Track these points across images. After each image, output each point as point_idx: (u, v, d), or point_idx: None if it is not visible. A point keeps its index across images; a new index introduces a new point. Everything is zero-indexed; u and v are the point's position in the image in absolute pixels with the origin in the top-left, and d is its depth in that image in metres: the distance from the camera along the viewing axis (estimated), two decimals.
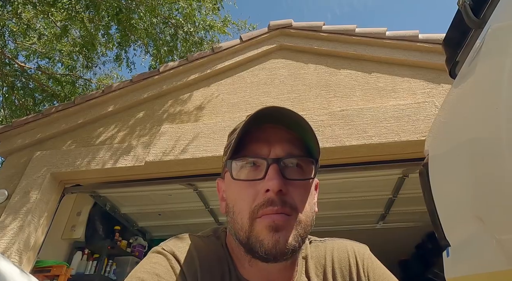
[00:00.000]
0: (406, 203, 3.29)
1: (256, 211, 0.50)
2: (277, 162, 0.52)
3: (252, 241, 0.50)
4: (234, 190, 0.55)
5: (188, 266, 0.53)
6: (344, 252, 0.63)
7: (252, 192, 0.52)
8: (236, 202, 0.53)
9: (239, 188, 0.54)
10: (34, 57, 6.71)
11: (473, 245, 0.69)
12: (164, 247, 0.55)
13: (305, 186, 0.55)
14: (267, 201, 0.50)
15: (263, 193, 0.51)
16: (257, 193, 0.51)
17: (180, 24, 4.92)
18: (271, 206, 0.50)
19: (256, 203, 0.51)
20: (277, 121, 0.55)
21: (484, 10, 0.83)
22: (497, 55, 0.61)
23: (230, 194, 0.56)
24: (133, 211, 3.62)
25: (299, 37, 3.25)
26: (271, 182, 0.50)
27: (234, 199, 0.54)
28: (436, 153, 0.95)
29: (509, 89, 0.50)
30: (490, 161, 0.58)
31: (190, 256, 0.54)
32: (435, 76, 2.68)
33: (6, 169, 3.02)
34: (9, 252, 2.36)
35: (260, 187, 0.51)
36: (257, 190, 0.51)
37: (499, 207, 0.57)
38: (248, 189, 0.52)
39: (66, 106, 3.27)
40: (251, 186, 0.52)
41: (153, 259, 0.54)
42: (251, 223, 0.50)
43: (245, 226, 0.51)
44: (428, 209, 0.97)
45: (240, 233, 0.52)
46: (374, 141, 2.34)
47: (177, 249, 0.55)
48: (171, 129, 2.83)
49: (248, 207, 0.51)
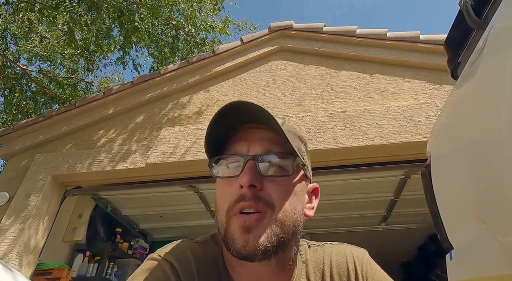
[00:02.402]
0: (408, 204, 3.27)
1: (231, 208, 0.50)
2: (254, 158, 0.52)
3: (228, 239, 0.50)
4: (217, 188, 0.55)
5: (185, 272, 0.53)
6: (343, 257, 0.62)
7: (229, 189, 0.52)
8: (217, 200, 0.54)
9: (220, 186, 0.55)
10: (36, 60, 6.75)
11: (476, 248, 0.68)
12: (160, 254, 0.55)
13: (285, 184, 0.54)
14: (240, 196, 0.50)
15: (238, 189, 0.51)
16: (233, 191, 0.51)
17: (181, 25, 4.93)
18: (243, 201, 0.49)
19: (231, 200, 0.51)
20: (255, 119, 0.55)
21: (486, 11, 0.82)
22: (499, 56, 0.61)
23: (216, 194, 0.56)
24: (134, 213, 3.62)
25: (300, 38, 3.25)
26: (243, 177, 0.50)
27: (217, 197, 0.55)
28: (438, 155, 0.94)
29: (511, 89, 0.50)
30: (492, 163, 0.57)
31: (186, 262, 0.54)
32: (436, 77, 2.67)
33: (7, 172, 3.02)
34: (10, 255, 2.36)
35: (236, 183, 0.51)
36: (234, 187, 0.52)
37: (501, 209, 0.56)
38: (226, 187, 0.53)
39: (67, 109, 3.27)
40: (230, 184, 0.52)
41: (149, 266, 0.53)
42: (227, 220, 0.51)
43: (223, 224, 0.51)
44: (430, 211, 0.96)
45: (221, 230, 0.52)
46: (375, 142, 2.33)
47: (173, 256, 0.54)
48: (172, 131, 2.83)
49: (226, 205, 0.51)
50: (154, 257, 0.55)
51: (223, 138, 0.56)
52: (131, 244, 3.75)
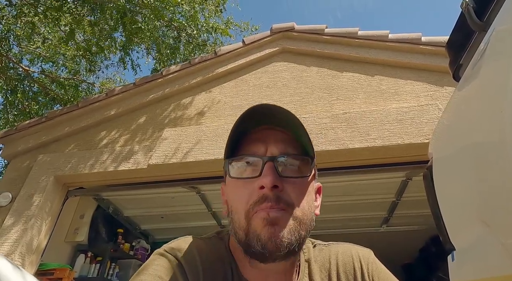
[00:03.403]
0: (409, 206, 3.27)
1: (252, 209, 0.51)
2: (272, 160, 0.53)
3: (250, 237, 0.50)
4: (232, 189, 0.55)
5: (191, 267, 0.53)
6: (349, 256, 0.63)
7: (248, 190, 0.52)
8: (234, 202, 0.54)
9: (236, 188, 0.55)
10: (38, 61, 6.77)
11: (478, 249, 0.68)
12: (166, 249, 0.56)
13: (302, 184, 0.55)
14: (262, 197, 0.51)
15: (257, 190, 0.51)
16: (253, 191, 0.52)
17: (183, 27, 4.95)
18: (266, 202, 0.50)
19: (251, 201, 0.51)
20: (272, 121, 0.56)
21: (487, 13, 0.83)
22: (502, 57, 0.61)
23: (229, 194, 0.57)
24: (136, 214, 3.63)
25: (302, 40, 3.26)
26: (265, 178, 0.51)
27: (232, 199, 0.55)
28: (440, 156, 0.94)
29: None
30: (495, 165, 0.58)
31: (192, 257, 0.55)
32: (438, 78, 2.67)
33: (10, 172, 3.04)
34: (12, 255, 2.36)
35: (255, 185, 0.52)
36: (253, 188, 0.52)
37: (504, 211, 0.56)
38: (244, 187, 0.53)
39: (70, 110, 3.28)
40: (248, 184, 0.53)
41: (156, 261, 0.54)
42: (247, 221, 0.51)
43: (242, 225, 0.51)
44: (432, 213, 0.96)
45: (239, 232, 0.52)
46: (377, 144, 2.33)
47: (179, 251, 0.55)
48: (174, 132, 2.84)
49: (245, 206, 0.52)
50: (160, 252, 0.56)
51: (237, 139, 0.56)
52: (132, 245, 3.76)
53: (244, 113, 0.53)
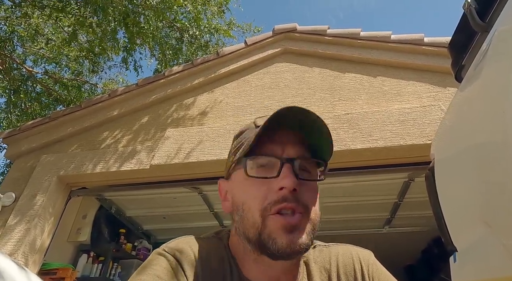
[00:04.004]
0: (412, 207, 3.26)
1: (269, 208, 0.51)
2: (291, 162, 0.54)
3: (264, 237, 0.51)
4: (245, 188, 0.55)
5: (190, 267, 0.54)
6: (349, 257, 0.63)
7: (264, 189, 0.53)
8: (247, 200, 0.54)
9: (250, 186, 0.54)
10: (42, 61, 6.82)
11: (480, 250, 0.68)
12: (165, 249, 0.56)
13: (314, 187, 0.57)
14: (282, 198, 0.51)
15: (276, 191, 0.52)
16: (269, 191, 0.52)
17: (186, 27, 4.97)
18: (286, 202, 0.51)
19: (269, 201, 0.52)
20: (292, 124, 0.56)
21: (490, 14, 0.83)
22: (504, 58, 0.61)
23: (239, 192, 0.57)
24: (138, 214, 3.64)
25: (304, 41, 3.26)
26: (286, 180, 0.51)
27: (244, 196, 0.55)
28: (443, 157, 0.94)
29: None
30: (497, 166, 0.58)
31: (191, 257, 0.55)
32: (440, 79, 2.67)
33: (13, 172, 3.06)
34: (15, 254, 2.38)
35: (273, 185, 0.52)
36: (269, 187, 0.53)
37: (506, 212, 0.56)
38: (260, 186, 0.53)
39: (73, 110, 3.30)
40: (263, 184, 0.53)
41: (155, 261, 0.54)
42: (263, 219, 0.51)
43: (257, 223, 0.52)
44: (434, 214, 0.96)
45: (251, 230, 0.52)
46: (379, 144, 2.33)
47: (178, 250, 0.55)
48: (176, 132, 2.84)
49: (260, 204, 0.52)
50: (159, 251, 0.56)
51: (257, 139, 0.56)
52: (134, 245, 3.77)
53: (272, 115, 0.53)
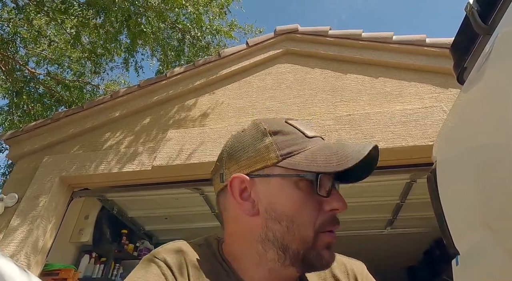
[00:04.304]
0: (414, 208, 3.25)
1: (323, 226, 0.53)
2: (338, 184, 0.57)
3: (313, 254, 0.52)
4: (295, 200, 0.53)
5: (180, 272, 0.53)
6: (344, 270, 0.64)
7: (316, 207, 0.53)
8: (299, 213, 0.52)
9: (304, 200, 0.53)
10: (44, 63, 6.85)
11: (482, 253, 0.68)
12: (155, 255, 0.55)
13: None
14: (334, 219, 0.54)
15: (327, 211, 0.53)
16: (320, 209, 0.53)
17: (187, 29, 4.98)
18: (337, 224, 0.54)
19: (322, 219, 0.53)
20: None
21: (492, 16, 0.83)
22: (506, 60, 0.61)
23: (289, 202, 0.53)
24: (140, 215, 3.65)
25: (305, 42, 3.26)
26: (341, 203, 0.54)
27: (295, 209, 0.53)
28: (444, 159, 0.94)
29: None
30: (499, 168, 0.58)
31: (181, 262, 0.54)
32: (442, 80, 2.66)
33: (16, 173, 3.07)
34: (18, 255, 2.39)
35: (323, 204, 0.53)
36: (319, 206, 0.53)
37: (508, 216, 0.56)
38: (314, 203, 0.53)
39: (75, 111, 3.31)
40: (316, 201, 0.53)
41: (144, 267, 0.54)
42: (315, 236, 0.52)
43: (308, 238, 0.52)
44: (436, 216, 0.96)
45: (299, 243, 0.52)
46: (381, 146, 2.33)
47: (168, 256, 0.54)
48: (177, 133, 2.85)
49: (314, 221, 0.52)
50: (149, 257, 0.55)
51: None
52: (136, 246, 3.78)
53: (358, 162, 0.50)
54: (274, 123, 0.58)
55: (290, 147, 0.54)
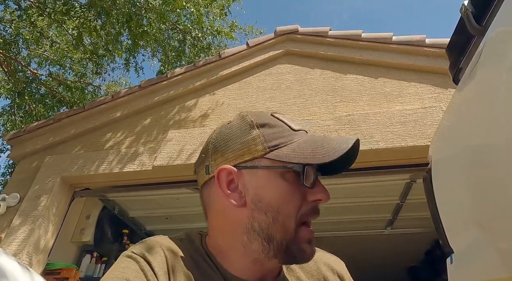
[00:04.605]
0: (414, 208, 3.25)
1: (304, 217, 0.54)
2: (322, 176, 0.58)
3: (294, 247, 0.53)
4: (282, 190, 0.54)
5: (159, 267, 0.52)
6: (327, 264, 0.65)
7: (300, 198, 0.54)
8: (285, 204, 0.53)
9: (290, 191, 0.54)
10: (46, 64, 6.89)
11: (475, 252, 0.69)
12: (133, 250, 0.54)
13: None
14: (315, 209, 0.55)
15: (310, 201, 0.54)
16: (303, 200, 0.54)
17: (188, 29, 5.00)
18: (317, 214, 0.55)
19: (304, 210, 0.54)
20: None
21: (486, 18, 0.84)
22: (494, 62, 0.62)
23: (275, 193, 0.54)
24: (141, 214, 3.66)
25: (305, 42, 3.27)
26: (325, 194, 0.54)
27: (281, 200, 0.53)
28: (439, 158, 0.95)
29: (506, 95, 0.51)
30: (489, 168, 0.59)
31: (160, 256, 0.54)
32: (442, 80, 2.66)
33: (18, 173, 3.09)
34: (20, 254, 2.41)
35: (308, 194, 0.54)
36: (302, 196, 0.54)
37: (499, 215, 0.57)
38: (299, 194, 0.54)
39: (76, 112, 3.34)
40: (299, 191, 0.54)
41: (123, 263, 0.53)
42: (296, 227, 0.53)
43: (290, 229, 0.53)
44: (431, 215, 0.97)
45: (282, 234, 0.52)
46: (380, 146, 2.33)
47: (147, 251, 0.54)
48: (178, 134, 2.86)
49: (296, 212, 0.53)
50: (127, 254, 0.55)
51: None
52: None
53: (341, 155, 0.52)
54: (261, 116, 0.59)
55: (277, 140, 0.55)
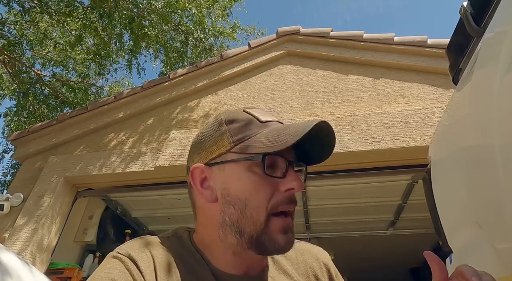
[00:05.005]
0: (416, 209, 3.24)
1: (274, 207, 0.52)
2: (299, 165, 0.56)
3: (265, 238, 0.52)
4: (251, 183, 0.54)
5: (146, 265, 0.52)
6: (314, 255, 0.66)
7: (270, 188, 0.53)
8: (252, 196, 0.53)
9: (258, 184, 0.54)
10: (50, 65, 6.94)
11: (473, 251, 0.69)
12: (119, 251, 0.54)
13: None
14: (288, 199, 0.53)
15: (282, 191, 0.53)
16: (275, 191, 0.53)
17: (190, 30, 5.02)
18: (292, 204, 0.54)
19: (275, 201, 0.53)
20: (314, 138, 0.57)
21: (485, 19, 0.84)
22: (489, 62, 0.62)
23: (242, 186, 0.54)
24: (143, 215, 3.68)
25: (307, 43, 3.28)
26: (296, 183, 0.53)
27: (248, 193, 0.54)
28: (438, 159, 0.95)
29: (499, 96, 0.52)
30: (485, 168, 0.59)
31: (146, 255, 0.54)
32: (444, 81, 2.66)
33: (22, 174, 3.12)
34: (24, 253, 2.43)
35: (280, 185, 0.53)
36: (274, 187, 0.53)
37: (496, 216, 0.57)
38: (267, 185, 0.53)
39: (79, 112, 3.36)
40: (270, 183, 0.53)
41: (108, 264, 0.53)
42: (267, 218, 0.52)
43: (260, 221, 0.52)
44: (431, 215, 0.97)
45: (251, 226, 0.52)
46: (382, 146, 2.33)
47: (132, 251, 0.54)
48: (180, 134, 2.88)
49: (266, 203, 0.52)
50: (113, 254, 0.55)
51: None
52: None
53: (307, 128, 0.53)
54: (232, 112, 0.60)
55: (242, 133, 0.56)
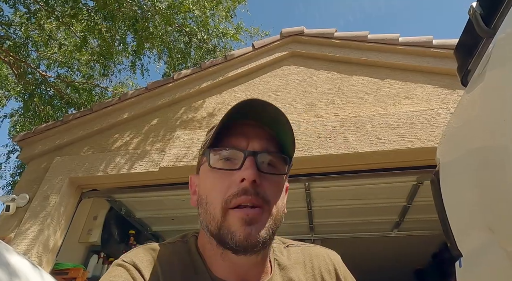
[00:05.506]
0: (421, 210, 3.22)
1: (229, 201, 0.51)
2: (254, 155, 0.53)
3: (224, 232, 0.50)
4: (209, 180, 0.55)
5: (150, 274, 0.52)
6: (323, 259, 0.65)
7: (226, 182, 0.52)
8: (210, 192, 0.54)
9: (214, 178, 0.54)
10: (55, 66, 6.99)
11: (483, 255, 0.69)
12: (124, 259, 0.55)
13: (278, 182, 0.56)
14: (241, 190, 0.51)
15: (237, 183, 0.51)
16: (231, 184, 0.52)
17: (194, 32, 5.03)
18: (245, 195, 0.50)
19: (229, 193, 0.51)
20: (256, 117, 0.56)
21: (495, 19, 0.83)
22: (503, 64, 0.62)
23: (204, 185, 0.56)
24: (147, 215, 3.69)
25: (311, 44, 3.27)
26: (246, 171, 0.51)
27: (207, 189, 0.54)
28: (447, 161, 0.94)
29: None
30: (497, 170, 0.58)
31: (151, 263, 0.54)
32: (449, 82, 2.64)
33: (27, 174, 3.14)
34: (29, 253, 2.44)
35: (235, 177, 0.52)
36: (231, 180, 0.52)
37: (507, 218, 0.57)
38: (223, 179, 0.53)
39: (84, 113, 3.38)
40: (226, 176, 0.53)
41: (114, 272, 0.52)
42: (223, 213, 0.51)
43: (217, 216, 0.51)
44: (439, 218, 0.96)
45: (212, 223, 0.52)
46: (387, 148, 2.32)
47: (137, 259, 0.54)
48: (184, 135, 2.88)
49: (222, 197, 0.51)
50: (118, 262, 0.55)
51: (220, 131, 0.56)
52: None
53: (232, 107, 0.54)
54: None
55: (207, 136, 0.58)
